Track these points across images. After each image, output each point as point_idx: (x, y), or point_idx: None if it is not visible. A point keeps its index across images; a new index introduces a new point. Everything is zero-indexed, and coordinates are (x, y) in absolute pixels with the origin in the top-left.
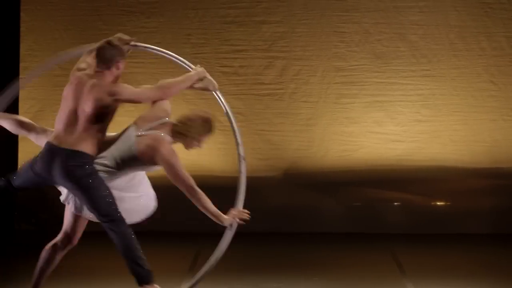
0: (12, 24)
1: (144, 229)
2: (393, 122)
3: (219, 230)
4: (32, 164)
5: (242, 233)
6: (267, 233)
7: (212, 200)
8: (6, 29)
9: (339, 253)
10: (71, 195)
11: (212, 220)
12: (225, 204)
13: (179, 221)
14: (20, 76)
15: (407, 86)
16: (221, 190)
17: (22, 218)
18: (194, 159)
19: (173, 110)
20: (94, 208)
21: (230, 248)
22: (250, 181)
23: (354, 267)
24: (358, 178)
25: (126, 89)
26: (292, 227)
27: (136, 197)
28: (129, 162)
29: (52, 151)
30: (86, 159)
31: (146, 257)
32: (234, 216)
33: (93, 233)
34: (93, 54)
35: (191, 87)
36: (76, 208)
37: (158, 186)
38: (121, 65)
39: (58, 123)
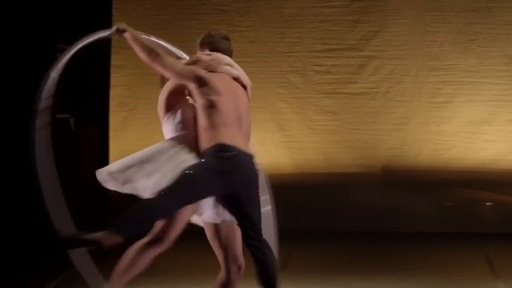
0: (104, 23)
1: None
2: (486, 122)
3: (311, 230)
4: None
5: (334, 232)
6: (359, 232)
7: None
8: (98, 29)
9: (431, 253)
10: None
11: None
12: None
13: None
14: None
15: (500, 86)
16: None
17: (113, 217)
18: None
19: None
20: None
21: (322, 248)
22: (343, 179)
23: (445, 266)
24: (450, 177)
25: None
26: (385, 226)
27: None
28: None
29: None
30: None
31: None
32: None
33: None
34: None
35: None
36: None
37: None
38: None
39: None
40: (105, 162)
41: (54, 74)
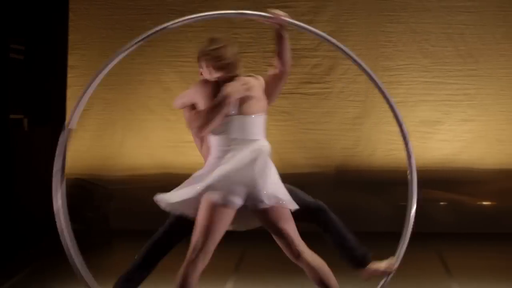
0: (60, 24)
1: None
2: (439, 121)
3: (265, 230)
4: None
5: None
6: (313, 231)
7: None
8: (54, 29)
9: (385, 252)
10: None
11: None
12: None
13: None
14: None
15: (454, 85)
16: None
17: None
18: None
19: None
20: None
21: (276, 247)
22: (297, 179)
23: (399, 266)
24: (404, 177)
25: None
26: None
27: None
28: None
29: None
30: None
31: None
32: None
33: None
34: None
35: None
36: None
37: None
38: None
39: None
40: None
41: None
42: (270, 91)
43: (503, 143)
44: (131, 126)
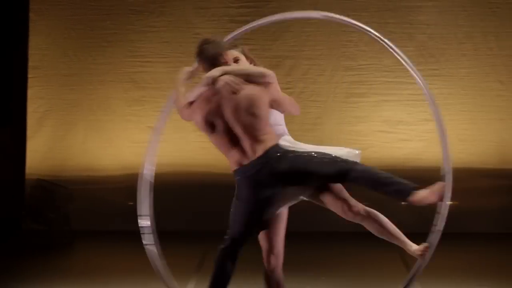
0: (20, 24)
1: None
2: (401, 121)
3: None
4: None
5: None
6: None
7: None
8: (15, 29)
9: (347, 252)
10: None
11: (218, 219)
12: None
13: (186, 220)
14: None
15: (415, 85)
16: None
17: (29, 217)
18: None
19: None
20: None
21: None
22: None
23: (361, 266)
24: None
25: None
26: (300, 226)
27: None
28: None
29: None
30: None
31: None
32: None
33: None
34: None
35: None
36: None
37: (165, 184)
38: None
39: None
40: (21, 163)
41: None
42: None
43: (465, 143)
44: (93, 127)
